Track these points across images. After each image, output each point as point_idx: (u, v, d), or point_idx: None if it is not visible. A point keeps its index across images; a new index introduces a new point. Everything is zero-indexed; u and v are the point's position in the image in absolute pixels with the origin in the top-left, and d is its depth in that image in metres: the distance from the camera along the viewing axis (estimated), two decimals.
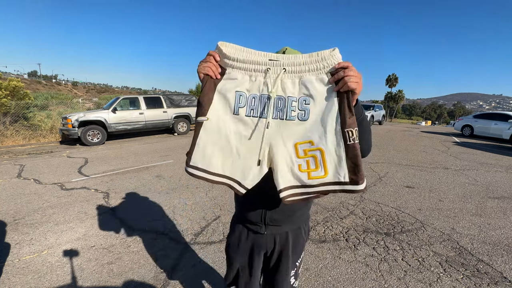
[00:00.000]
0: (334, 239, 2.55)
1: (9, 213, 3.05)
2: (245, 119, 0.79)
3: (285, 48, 0.93)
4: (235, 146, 0.80)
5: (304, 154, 0.76)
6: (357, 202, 3.47)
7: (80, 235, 2.58)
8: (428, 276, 2.03)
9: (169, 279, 1.97)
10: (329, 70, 0.74)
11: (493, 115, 11.28)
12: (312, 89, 0.75)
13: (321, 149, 0.75)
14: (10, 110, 8.55)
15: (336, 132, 0.74)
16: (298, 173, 0.77)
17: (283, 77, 0.76)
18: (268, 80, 0.77)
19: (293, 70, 0.76)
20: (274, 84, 0.76)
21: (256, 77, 0.78)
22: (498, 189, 4.10)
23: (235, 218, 1.14)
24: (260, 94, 0.78)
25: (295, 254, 1.10)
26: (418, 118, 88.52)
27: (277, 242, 1.04)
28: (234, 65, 0.79)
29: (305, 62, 0.74)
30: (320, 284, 1.94)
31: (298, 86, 0.77)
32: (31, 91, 15.39)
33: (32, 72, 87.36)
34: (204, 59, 0.80)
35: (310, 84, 0.75)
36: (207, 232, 2.66)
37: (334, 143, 0.74)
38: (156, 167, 5.12)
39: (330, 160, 0.74)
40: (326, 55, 0.73)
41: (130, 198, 3.54)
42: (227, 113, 0.80)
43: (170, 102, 9.80)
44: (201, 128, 0.80)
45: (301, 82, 0.76)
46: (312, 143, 0.75)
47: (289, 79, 0.77)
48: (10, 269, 2.06)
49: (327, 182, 0.75)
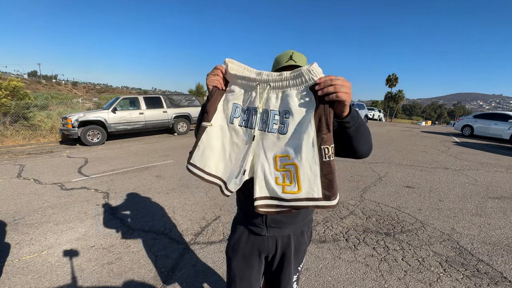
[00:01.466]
0: (334, 239, 2.55)
1: (9, 213, 3.05)
2: (238, 129, 0.88)
3: (291, 52, 0.96)
4: (228, 151, 0.90)
5: (282, 167, 0.79)
6: (357, 202, 3.47)
7: (80, 235, 2.58)
8: (428, 276, 2.03)
9: (169, 279, 1.97)
10: (309, 85, 0.75)
11: (493, 115, 11.28)
12: (292, 103, 0.78)
13: (295, 165, 0.76)
14: (10, 110, 8.55)
15: (312, 149, 0.74)
16: (274, 186, 0.79)
17: (269, 92, 0.82)
18: (256, 95, 0.84)
19: (277, 85, 0.80)
20: (261, 99, 0.82)
21: (250, 91, 0.87)
22: (498, 189, 4.10)
23: (236, 219, 1.13)
24: (251, 107, 0.86)
25: (297, 259, 1.08)
26: (418, 118, 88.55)
27: (278, 245, 1.03)
28: (235, 80, 0.89)
29: (287, 78, 0.78)
30: (320, 284, 1.94)
31: (280, 100, 0.81)
32: (31, 91, 15.39)
33: (32, 72, 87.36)
34: (212, 72, 0.89)
35: (290, 99, 0.78)
36: (207, 232, 2.66)
37: (309, 159, 0.74)
38: (156, 167, 5.12)
39: (304, 177, 0.75)
40: (304, 70, 0.74)
41: (130, 198, 3.54)
42: (225, 122, 0.91)
43: (170, 102, 9.80)
44: (204, 132, 0.90)
45: (284, 96, 0.80)
46: (289, 157, 0.77)
47: (274, 93, 0.82)
48: (10, 269, 2.06)
49: (300, 198, 0.76)
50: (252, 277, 1.07)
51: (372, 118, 24.64)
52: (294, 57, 0.94)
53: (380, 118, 26.03)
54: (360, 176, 4.70)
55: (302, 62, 0.95)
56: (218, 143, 0.90)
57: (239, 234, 1.07)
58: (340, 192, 3.83)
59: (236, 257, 1.07)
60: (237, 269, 1.07)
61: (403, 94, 45.34)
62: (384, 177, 4.67)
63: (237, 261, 1.07)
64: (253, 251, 1.05)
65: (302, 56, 0.96)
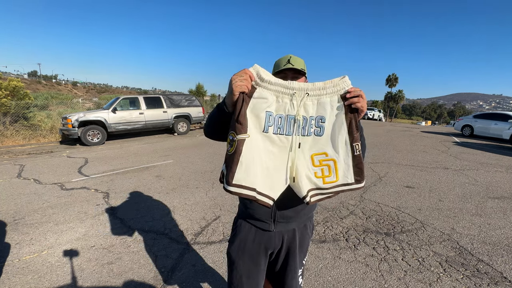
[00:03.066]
0: (334, 239, 2.55)
1: (9, 213, 3.05)
2: (273, 137, 0.90)
3: (289, 56, 1.04)
4: (265, 161, 0.90)
5: (319, 163, 0.92)
6: (357, 202, 3.47)
7: (80, 235, 2.58)
8: (428, 276, 2.03)
9: (169, 279, 1.97)
10: (341, 94, 0.89)
11: (493, 115, 11.28)
12: (327, 109, 0.90)
13: (334, 160, 0.91)
14: (10, 110, 8.55)
15: (346, 146, 0.91)
16: (315, 180, 0.92)
17: (306, 99, 0.89)
18: (294, 102, 0.89)
19: (314, 94, 0.89)
20: (299, 106, 0.89)
21: (283, 99, 0.89)
22: (498, 189, 4.10)
23: (240, 217, 1.12)
24: (286, 115, 0.89)
25: (302, 252, 1.13)
26: (418, 118, 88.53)
27: (284, 240, 1.06)
28: (266, 86, 0.88)
29: (323, 87, 0.89)
30: (320, 284, 1.94)
31: (316, 107, 0.90)
32: (31, 91, 15.39)
33: (32, 72, 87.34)
34: (240, 76, 0.85)
35: (326, 105, 0.89)
36: (207, 232, 2.66)
37: (344, 155, 0.91)
38: (156, 167, 5.12)
39: (341, 168, 0.92)
40: (338, 82, 0.89)
41: (130, 198, 3.54)
42: (258, 131, 0.89)
43: (170, 102, 9.80)
44: (243, 146, 0.86)
45: (318, 103, 0.90)
46: (327, 154, 0.92)
47: (310, 101, 0.90)
48: (10, 269, 2.06)
49: (338, 185, 0.93)
50: (259, 274, 1.09)
51: (372, 118, 24.69)
52: (292, 60, 1.02)
53: (380, 118, 26.13)
54: None
55: (299, 64, 1.03)
56: (256, 154, 0.87)
57: (245, 234, 1.07)
58: None
59: (243, 257, 1.07)
60: (244, 268, 1.07)
61: (403, 94, 45.33)
62: (384, 177, 4.67)
63: (244, 261, 1.07)
64: (260, 249, 1.06)
65: (299, 59, 1.04)
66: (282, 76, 1.03)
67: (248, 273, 1.07)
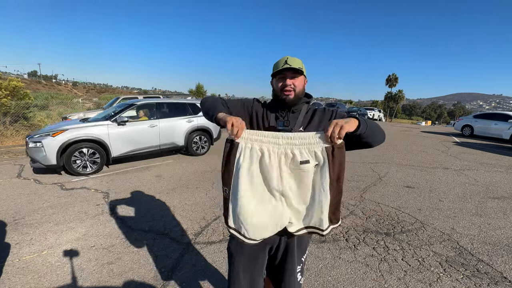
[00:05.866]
0: (334, 239, 2.55)
1: (9, 213, 3.05)
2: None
3: (286, 57, 1.08)
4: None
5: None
6: (357, 202, 3.47)
7: (80, 235, 2.58)
8: (428, 276, 2.03)
9: (169, 279, 1.97)
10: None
11: (493, 115, 11.28)
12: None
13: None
14: (10, 110, 8.55)
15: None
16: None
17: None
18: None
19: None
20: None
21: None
22: (498, 189, 4.10)
23: None
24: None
25: (301, 250, 1.15)
26: (418, 118, 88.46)
27: (282, 237, 1.09)
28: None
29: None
30: (320, 284, 1.94)
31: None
32: (31, 91, 15.39)
33: (32, 72, 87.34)
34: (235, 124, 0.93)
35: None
36: (207, 232, 2.66)
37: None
38: (156, 167, 5.12)
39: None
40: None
41: (130, 198, 3.54)
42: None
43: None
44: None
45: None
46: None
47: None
48: (10, 269, 2.06)
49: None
50: (257, 270, 1.14)
51: (372, 118, 24.73)
52: (289, 61, 1.06)
53: (380, 118, 26.23)
54: (360, 176, 4.70)
55: (297, 64, 1.07)
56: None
57: None
58: None
59: (242, 252, 1.12)
60: (243, 263, 1.12)
61: (403, 94, 45.30)
62: (384, 177, 4.67)
63: (243, 257, 1.12)
64: (258, 245, 1.07)
65: (296, 60, 1.08)
66: (281, 76, 1.10)
67: (246, 268, 1.12)
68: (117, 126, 4.91)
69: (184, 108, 6.18)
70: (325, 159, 0.92)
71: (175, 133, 5.78)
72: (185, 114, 6.08)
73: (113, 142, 4.83)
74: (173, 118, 5.83)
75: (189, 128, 5.99)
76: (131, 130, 5.09)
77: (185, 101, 6.45)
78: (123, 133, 4.96)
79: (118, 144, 4.91)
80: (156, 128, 5.46)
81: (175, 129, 5.79)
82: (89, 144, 4.57)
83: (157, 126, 5.46)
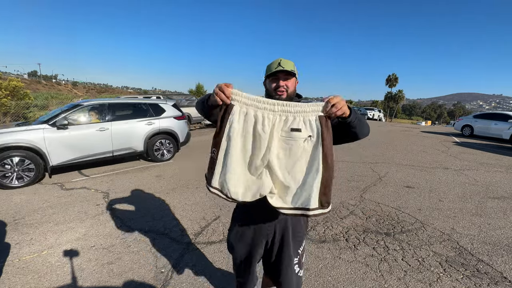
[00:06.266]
0: (334, 239, 2.55)
1: (9, 213, 3.05)
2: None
3: (279, 60, 1.13)
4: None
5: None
6: (357, 202, 3.47)
7: (80, 235, 2.58)
8: (428, 276, 2.03)
9: (169, 279, 1.97)
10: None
11: (493, 115, 11.28)
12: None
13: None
14: (10, 110, 8.55)
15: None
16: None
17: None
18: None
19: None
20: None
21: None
22: (498, 189, 4.10)
23: (238, 208, 1.29)
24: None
25: (296, 241, 1.21)
26: (418, 118, 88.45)
27: (277, 229, 1.17)
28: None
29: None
30: (320, 284, 1.94)
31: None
32: (31, 91, 15.38)
33: (32, 72, 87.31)
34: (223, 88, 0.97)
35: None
36: (207, 232, 2.66)
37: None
38: (156, 167, 5.12)
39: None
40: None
41: (130, 198, 3.54)
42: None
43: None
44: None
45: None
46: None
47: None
48: (10, 269, 2.06)
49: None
50: (254, 259, 1.23)
51: (372, 118, 24.71)
52: (282, 63, 1.11)
53: (380, 118, 26.20)
54: (360, 176, 4.71)
55: (289, 66, 1.12)
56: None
57: (241, 223, 1.23)
58: (340, 192, 3.83)
59: (240, 243, 1.23)
60: (242, 253, 1.24)
61: (403, 94, 45.32)
62: (384, 177, 4.67)
63: (241, 247, 1.23)
64: (255, 236, 1.19)
65: (289, 62, 1.13)
66: (274, 78, 1.15)
67: (245, 257, 1.23)
68: (56, 131, 4.21)
69: (143, 110, 5.48)
70: (318, 130, 0.93)
71: (132, 137, 5.12)
72: (145, 116, 5.39)
73: (51, 149, 4.13)
74: (129, 120, 5.13)
75: (149, 132, 5.33)
76: (75, 135, 4.39)
77: (144, 102, 5.72)
78: (64, 138, 4.27)
79: (58, 151, 4.22)
80: (108, 132, 4.75)
81: (132, 132, 5.11)
82: (20, 152, 3.89)
83: (109, 130, 4.76)
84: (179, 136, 5.84)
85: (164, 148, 5.64)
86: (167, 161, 5.64)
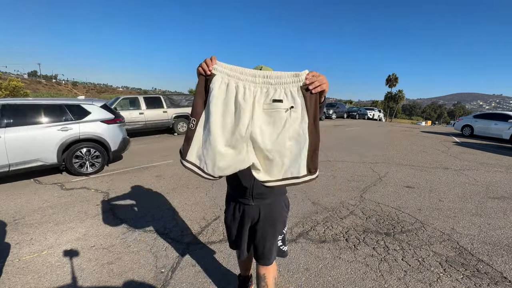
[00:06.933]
0: (334, 239, 2.55)
1: (9, 213, 3.05)
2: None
3: (260, 66, 1.21)
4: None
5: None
6: (357, 202, 3.47)
7: (80, 235, 2.58)
8: (428, 276, 2.03)
9: (169, 279, 1.97)
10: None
11: (493, 115, 11.28)
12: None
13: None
14: None
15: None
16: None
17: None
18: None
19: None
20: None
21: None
22: (498, 189, 4.10)
23: (229, 195, 1.46)
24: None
25: (279, 222, 1.39)
26: (418, 118, 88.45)
27: (261, 211, 1.35)
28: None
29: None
30: (320, 284, 1.94)
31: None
32: (31, 91, 15.37)
33: (32, 72, 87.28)
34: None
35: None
36: (207, 232, 2.66)
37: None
38: (156, 167, 5.12)
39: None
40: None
41: (130, 198, 3.54)
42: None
43: (170, 102, 9.81)
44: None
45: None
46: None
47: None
48: (10, 269, 2.06)
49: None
50: (245, 235, 1.41)
51: (372, 118, 24.68)
52: (264, 69, 1.12)
53: (380, 118, 26.17)
54: (360, 176, 4.70)
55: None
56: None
57: (233, 207, 1.41)
58: (340, 192, 3.83)
59: (233, 224, 1.42)
60: (235, 231, 1.43)
61: (403, 94, 45.34)
62: (384, 177, 4.67)
63: (234, 226, 1.42)
64: (244, 217, 1.37)
65: (269, 69, 1.19)
66: None
67: (236, 234, 1.43)
68: None
69: (57, 112, 4.39)
70: (301, 99, 0.92)
71: (39, 146, 4.11)
72: (60, 120, 4.36)
73: None
74: (34, 126, 4.13)
75: (65, 139, 4.32)
76: None
77: (60, 103, 4.57)
78: None
79: None
80: (0, 140, 3.75)
81: (38, 141, 4.10)
82: None
83: (1, 138, 3.76)
84: (110, 143, 4.83)
85: (87, 159, 4.60)
86: (92, 174, 4.60)
